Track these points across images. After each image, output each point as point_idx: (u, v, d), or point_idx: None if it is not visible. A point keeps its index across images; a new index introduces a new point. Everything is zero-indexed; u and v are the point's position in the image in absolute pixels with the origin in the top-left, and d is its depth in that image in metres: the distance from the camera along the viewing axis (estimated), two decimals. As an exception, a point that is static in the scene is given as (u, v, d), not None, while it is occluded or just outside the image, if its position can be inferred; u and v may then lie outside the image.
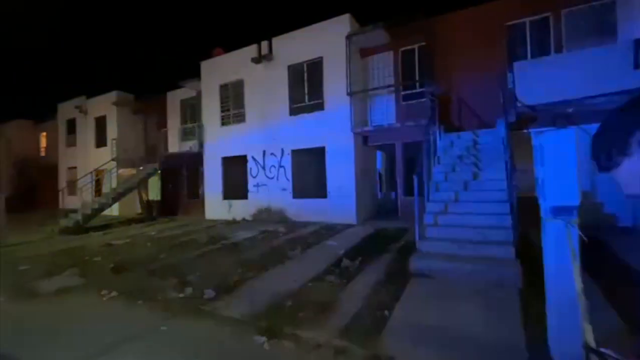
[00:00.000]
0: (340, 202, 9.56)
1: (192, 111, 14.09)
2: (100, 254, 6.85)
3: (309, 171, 10.40)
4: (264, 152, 11.22)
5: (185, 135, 13.92)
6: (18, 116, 22.29)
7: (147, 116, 16.16)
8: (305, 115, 10.38)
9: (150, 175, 13.23)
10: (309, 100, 10.39)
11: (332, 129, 9.78)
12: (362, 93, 9.99)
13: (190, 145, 13.33)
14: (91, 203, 11.76)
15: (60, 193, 15.26)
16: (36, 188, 21.23)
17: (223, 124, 12.33)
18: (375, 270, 4.94)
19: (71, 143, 18.54)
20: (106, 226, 11.14)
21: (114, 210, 14.26)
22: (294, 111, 10.65)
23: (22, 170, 21.02)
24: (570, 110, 6.41)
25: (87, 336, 3.35)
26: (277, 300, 3.93)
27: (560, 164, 2.33)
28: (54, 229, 10.37)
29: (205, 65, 12.73)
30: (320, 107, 10.13)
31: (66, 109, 18.63)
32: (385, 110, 10.00)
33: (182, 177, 14.63)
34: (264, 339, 3.08)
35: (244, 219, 11.21)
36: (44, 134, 21.88)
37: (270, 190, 11.05)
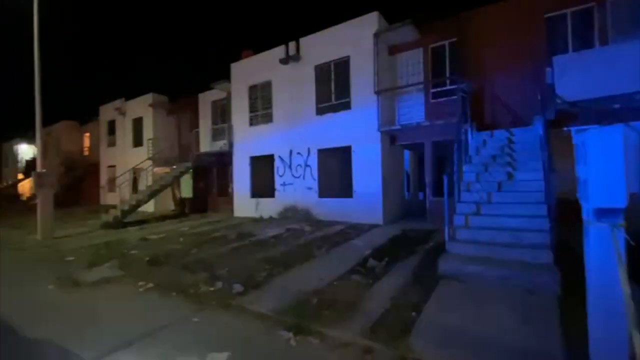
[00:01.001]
0: (366, 202, 9.49)
1: (222, 112, 14.53)
2: (137, 248, 7.24)
3: (335, 171, 10.41)
4: (291, 151, 11.36)
5: (216, 135, 14.38)
6: (65, 117, 24.05)
7: (180, 117, 16.86)
8: (332, 115, 10.40)
9: (183, 173, 13.79)
10: (336, 100, 10.39)
11: (359, 128, 9.72)
12: (390, 91, 9.85)
13: (220, 145, 13.76)
14: (129, 200, 12.45)
15: (101, 190, 16.27)
16: (80, 185, 22.78)
17: (251, 124, 12.61)
18: (402, 271, 4.87)
19: (111, 143, 19.72)
20: (142, 222, 11.76)
21: (149, 207, 14.99)
22: (320, 111, 10.70)
23: (69, 167, 22.63)
24: (616, 106, 5.96)
25: (125, 323, 3.56)
26: (303, 298, 3.98)
27: (605, 163, 2.18)
28: (95, 224, 11.09)
29: (235, 67, 13.08)
30: (346, 106, 10.11)
31: (107, 111, 19.84)
32: (413, 108, 9.80)
33: (212, 176, 15.13)
34: (290, 334, 3.14)
35: (270, 217, 11.41)
36: (87, 134, 23.43)
37: (296, 189, 11.17)
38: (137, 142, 17.58)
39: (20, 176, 25.35)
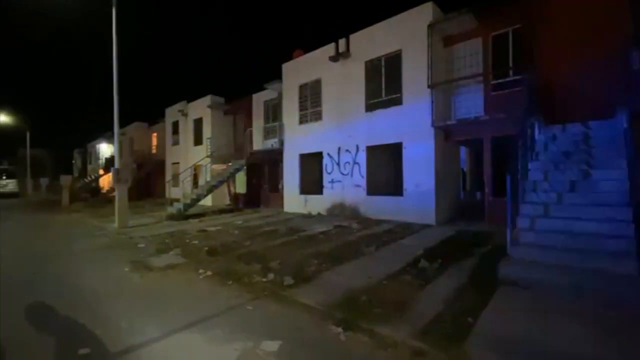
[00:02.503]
0: (418, 201, 9.17)
1: (274, 111, 15.06)
2: (197, 238, 7.83)
3: (385, 168, 10.21)
4: (339, 148, 11.38)
5: (268, 134, 14.95)
6: (137, 119, 26.82)
7: (235, 117, 17.83)
8: (382, 111, 10.20)
9: (237, 170, 14.59)
10: (386, 95, 10.17)
11: (411, 124, 9.41)
12: (445, 85, 9.37)
13: (271, 143, 14.27)
14: (190, 194, 13.50)
15: (166, 184, 17.84)
16: (149, 180, 25.25)
17: (301, 122, 12.88)
18: (456, 274, 4.62)
19: (175, 142, 21.53)
20: (201, 214, 12.67)
21: (207, 201, 16.11)
22: (369, 107, 10.56)
23: (140, 164, 25.21)
24: None
25: (188, 306, 3.88)
26: (352, 294, 3.97)
27: None
28: (162, 215, 12.21)
29: (286, 67, 13.45)
30: (397, 101, 9.84)
31: (171, 113, 21.68)
32: (471, 102, 9.20)
33: (264, 173, 15.77)
34: (340, 329, 3.16)
35: (319, 214, 11.57)
36: (155, 134, 25.85)
37: (345, 186, 11.17)
38: (198, 141, 18.95)
39: (101, 172, 28.83)
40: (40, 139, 38.07)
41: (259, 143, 15.30)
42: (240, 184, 16.95)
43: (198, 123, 19.00)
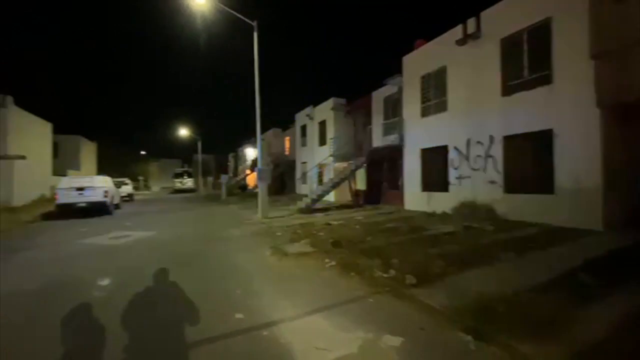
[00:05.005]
0: (575, 201, 7.43)
1: (393, 107, 14.80)
2: (323, 231, 8.46)
3: (527, 161, 8.67)
4: (468, 140, 10.29)
5: (387, 130, 14.82)
6: (273, 126, 30.94)
7: (355, 116, 18.38)
8: (523, 94, 8.68)
9: (358, 167, 15.02)
10: (529, 75, 8.60)
11: (564, 106, 7.70)
12: (619, 50, 7.23)
13: (391, 139, 14.08)
14: (316, 190, 14.69)
15: (297, 182, 19.99)
16: (283, 177, 28.73)
17: (423, 115, 12.23)
18: (632, 295, 3.55)
19: (303, 143, 23.80)
20: (326, 209, 13.62)
21: (331, 197, 17.19)
22: (507, 91, 9.14)
23: (276, 164, 28.98)
24: None
25: (315, 291, 4.26)
26: (485, 302, 3.55)
27: None
28: (293, 209, 13.71)
29: (407, 60, 13.00)
30: (545, 80, 8.19)
31: (300, 118, 24.04)
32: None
33: (384, 170, 15.71)
34: (469, 337, 2.89)
35: (443, 212, 10.76)
36: (287, 138, 29.19)
37: (475, 182, 10.03)
38: (322, 141, 20.42)
39: (247, 171, 34.55)
40: (207, 147, 48.43)
41: (378, 140, 15.33)
42: (361, 181, 17.37)
43: (322, 125, 20.44)
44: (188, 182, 36.62)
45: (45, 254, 7.09)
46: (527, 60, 8.66)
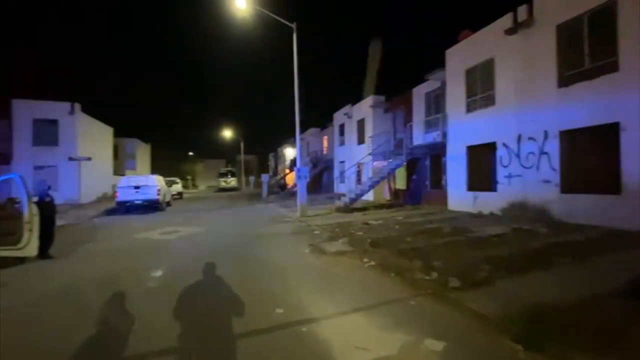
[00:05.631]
0: (648, 202, 6.61)
1: (436, 103, 14.24)
2: (361, 230, 8.40)
3: (588, 158, 7.89)
4: (519, 136, 9.59)
5: (429, 127, 14.30)
6: (311, 125, 31.25)
7: (395, 113, 17.96)
8: (584, 84, 7.90)
9: (398, 166, 14.66)
10: (591, 63, 7.80)
11: (632, 96, 6.88)
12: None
13: (433, 137, 13.57)
14: (354, 189, 14.60)
15: (335, 180, 20.02)
16: (321, 176, 28.91)
17: (468, 110, 11.62)
18: None
19: (341, 142, 23.75)
20: (364, 208, 13.48)
21: (369, 196, 16.95)
22: (564, 81, 8.37)
23: (314, 163, 29.26)
24: None
25: (354, 290, 4.25)
26: (537, 310, 3.30)
27: None
28: (331, 208, 13.75)
29: (451, 53, 12.43)
30: (610, 68, 7.37)
31: (338, 117, 24.02)
32: None
33: (425, 168, 15.18)
34: (519, 346, 2.70)
35: (491, 213, 10.15)
36: (326, 137, 29.33)
37: (527, 181, 9.33)
38: (360, 140, 20.23)
39: (287, 171, 35.30)
40: (249, 147, 50.20)
41: (419, 137, 14.84)
42: (401, 180, 16.95)
43: (361, 123, 20.25)
44: (232, 181, 38.32)
45: (106, 246, 7.84)
46: (588, 47, 7.86)
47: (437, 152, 13.54)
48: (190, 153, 61.18)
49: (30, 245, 5.78)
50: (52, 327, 3.37)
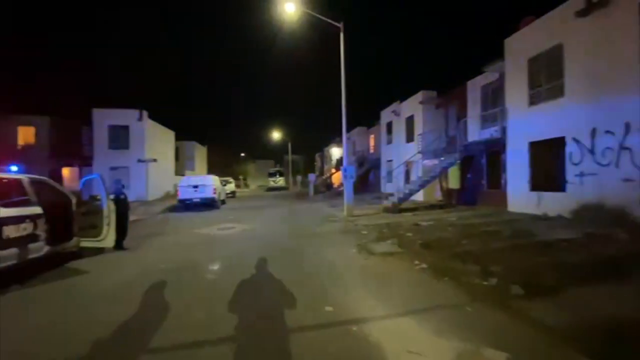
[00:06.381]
0: None
1: (493, 96, 13.28)
2: (411, 231, 8.13)
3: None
4: (594, 130, 8.56)
5: (485, 122, 13.38)
6: (357, 124, 31.01)
7: (447, 109, 17.09)
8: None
9: (450, 164, 13.94)
10: (688, 43, 6.68)
11: None
12: None
13: (490, 132, 12.67)
14: (403, 189, 14.18)
15: (382, 180, 19.65)
16: (367, 176, 28.57)
17: (531, 103, 10.65)
18: None
19: (389, 141, 23.23)
20: (414, 209, 13.04)
21: (419, 196, 16.34)
22: (652, 66, 7.28)
23: (360, 163, 29.01)
24: None
25: (404, 293, 4.14)
26: (614, 324, 2.93)
27: None
28: (379, 208, 13.51)
29: (510, 42, 11.51)
30: None
31: (385, 114, 23.52)
32: None
33: (481, 166, 14.22)
34: (597, 366, 2.42)
35: (559, 216, 9.18)
36: (372, 135, 28.93)
37: (602, 181, 8.30)
38: (409, 138, 19.59)
39: (332, 170, 35.46)
40: (296, 147, 51.37)
41: (474, 134, 13.95)
42: (454, 179, 16.08)
43: (410, 120, 19.62)
44: (280, 181, 39.57)
45: (171, 239, 8.57)
46: (684, 24, 6.76)
47: (494, 149, 12.62)
48: (242, 154, 64.38)
49: (108, 237, 6.52)
50: (130, 308, 3.76)
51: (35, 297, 4.37)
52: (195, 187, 16.14)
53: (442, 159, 14.42)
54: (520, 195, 11.00)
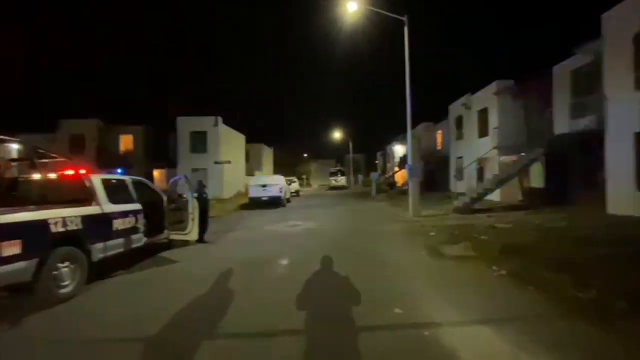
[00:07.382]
0: None
1: (586, 82, 11.53)
2: (487, 234, 7.50)
3: None
4: None
5: (577, 111, 11.68)
6: (423, 120, 29.57)
7: (527, 99, 15.33)
8: None
9: (532, 161, 12.49)
10: None
11: None
12: None
13: (584, 124, 11.03)
14: (476, 188, 13.14)
15: (451, 179, 18.46)
16: (435, 174, 27.10)
17: (638, 87, 9.00)
18: None
19: (459, 137, 21.74)
20: (489, 210, 12.00)
21: (495, 196, 14.97)
22: None
23: (426, 161, 27.64)
24: None
25: (481, 301, 3.84)
26: None
27: None
28: (448, 208, 12.73)
29: (610, 17, 9.87)
30: None
31: (455, 109, 22.05)
32: None
33: (571, 162, 12.44)
34: None
35: (679, 221, 7.60)
36: (440, 132, 27.37)
37: None
38: (483, 133, 18.08)
39: (396, 169, 34.43)
40: (357, 146, 51.04)
41: (563, 126, 12.28)
42: (537, 178, 14.37)
43: (483, 114, 18.10)
44: (341, 180, 39.75)
45: (245, 235, 9.25)
46: None
47: (590, 141, 10.94)
48: (305, 155, 66.25)
49: (193, 231, 7.30)
50: (215, 292, 4.17)
51: (139, 281, 5.12)
52: (264, 186, 17.15)
53: (523, 154, 12.97)
54: (623, 195, 9.37)
